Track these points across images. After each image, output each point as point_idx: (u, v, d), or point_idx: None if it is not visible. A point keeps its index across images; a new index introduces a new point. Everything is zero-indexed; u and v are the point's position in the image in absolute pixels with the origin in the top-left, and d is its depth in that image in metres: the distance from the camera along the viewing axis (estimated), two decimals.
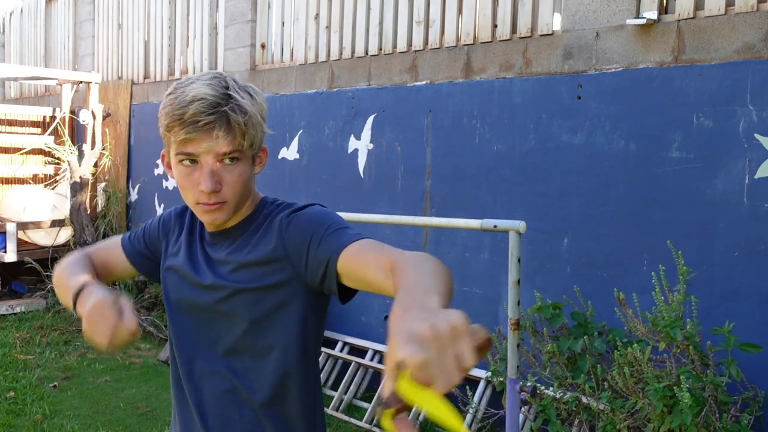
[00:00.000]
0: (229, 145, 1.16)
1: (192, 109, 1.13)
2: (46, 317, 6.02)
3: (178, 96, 1.16)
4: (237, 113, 1.16)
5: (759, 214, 2.95)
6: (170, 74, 6.54)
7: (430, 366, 0.65)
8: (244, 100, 1.18)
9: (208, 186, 1.16)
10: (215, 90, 1.15)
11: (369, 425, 3.89)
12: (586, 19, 3.52)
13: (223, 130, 1.15)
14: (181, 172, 1.20)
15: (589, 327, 3.04)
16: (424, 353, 0.65)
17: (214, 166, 1.17)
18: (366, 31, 4.68)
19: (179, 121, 1.14)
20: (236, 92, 1.18)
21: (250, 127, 1.18)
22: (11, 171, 6.94)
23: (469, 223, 2.55)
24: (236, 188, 1.20)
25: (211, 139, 1.15)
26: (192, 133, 1.14)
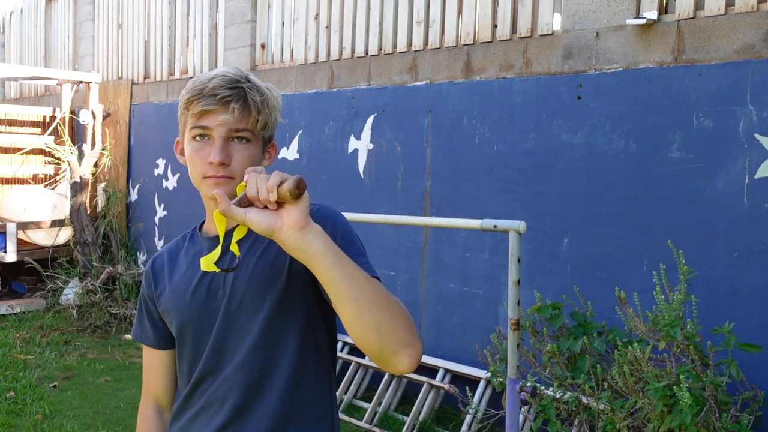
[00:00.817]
0: (243, 121, 1.21)
1: (212, 84, 1.19)
2: (46, 317, 6.02)
3: (200, 78, 1.23)
4: (254, 92, 1.22)
5: (759, 214, 2.95)
6: (170, 74, 6.54)
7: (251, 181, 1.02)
8: (262, 86, 1.25)
9: (216, 157, 1.19)
10: (236, 72, 1.23)
11: (369, 425, 3.89)
12: (586, 19, 3.52)
13: (239, 105, 1.20)
14: (192, 147, 1.24)
15: (589, 327, 3.04)
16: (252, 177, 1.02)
17: (225, 140, 1.21)
18: (366, 31, 4.68)
19: (199, 94, 1.20)
20: (256, 80, 1.25)
21: (265, 107, 1.23)
22: (11, 171, 6.94)
23: (469, 223, 2.55)
24: (245, 166, 1.22)
25: (227, 111, 1.19)
26: (209, 105, 1.19)
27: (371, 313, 1.04)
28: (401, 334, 1.06)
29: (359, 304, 1.04)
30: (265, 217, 1.02)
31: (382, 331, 1.04)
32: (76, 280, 6.28)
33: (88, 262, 6.33)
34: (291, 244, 1.02)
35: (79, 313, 5.93)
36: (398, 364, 1.06)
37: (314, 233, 1.03)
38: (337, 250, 1.05)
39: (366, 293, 1.05)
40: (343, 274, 1.04)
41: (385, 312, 1.05)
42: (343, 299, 1.04)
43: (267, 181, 1.00)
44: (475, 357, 3.82)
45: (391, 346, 1.05)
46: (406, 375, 4.05)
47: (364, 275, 1.07)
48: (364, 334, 1.05)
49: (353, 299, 1.04)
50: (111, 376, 4.64)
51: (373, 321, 1.04)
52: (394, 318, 1.06)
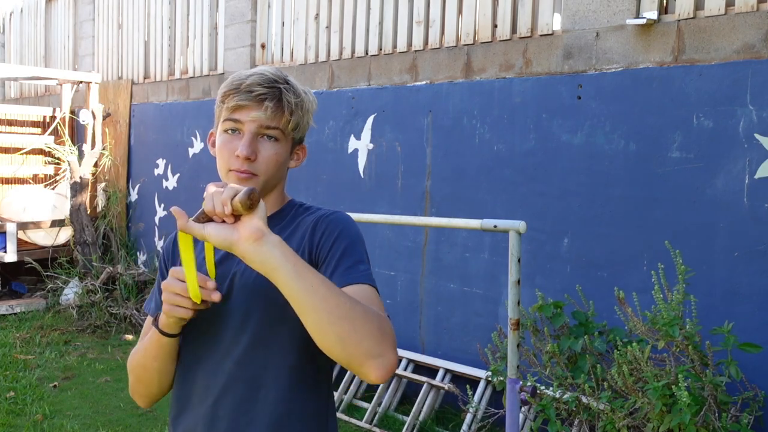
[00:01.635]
0: (274, 120, 1.24)
1: (250, 80, 1.23)
2: (46, 317, 6.02)
3: (240, 73, 1.26)
4: (290, 93, 1.25)
5: (759, 214, 2.95)
6: (170, 74, 6.54)
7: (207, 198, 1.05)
8: (300, 88, 1.28)
9: (243, 151, 1.21)
10: (275, 72, 1.26)
11: (369, 425, 3.89)
12: (586, 19, 3.52)
13: (273, 103, 1.22)
14: (223, 139, 1.26)
15: (590, 326, 3.05)
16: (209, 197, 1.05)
17: (254, 136, 1.23)
18: (366, 31, 4.68)
19: (236, 89, 1.23)
20: (294, 82, 1.28)
21: (298, 109, 1.26)
22: (11, 171, 6.94)
23: (469, 223, 2.55)
24: (270, 165, 1.25)
25: (260, 109, 1.22)
26: (244, 100, 1.22)
27: (331, 324, 1.03)
28: (365, 344, 1.04)
29: (319, 315, 1.03)
30: (222, 230, 1.03)
31: (344, 342, 1.04)
32: (76, 280, 6.28)
33: (88, 262, 6.33)
34: (249, 257, 1.03)
35: (79, 313, 5.93)
36: (367, 375, 1.05)
37: (271, 244, 1.03)
38: (296, 261, 1.04)
39: (327, 304, 1.03)
40: (301, 285, 1.03)
41: (348, 323, 1.04)
42: (303, 309, 1.04)
43: (221, 192, 1.02)
44: (475, 357, 3.82)
45: (356, 358, 1.04)
46: (406, 375, 4.05)
47: (328, 286, 1.05)
48: (326, 344, 1.05)
49: (312, 310, 1.04)
50: (111, 376, 4.64)
51: (334, 332, 1.04)
52: (358, 329, 1.04)
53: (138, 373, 1.33)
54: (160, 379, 1.31)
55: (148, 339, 1.26)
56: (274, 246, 1.03)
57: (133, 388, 1.36)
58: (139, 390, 1.35)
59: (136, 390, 1.36)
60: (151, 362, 1.28)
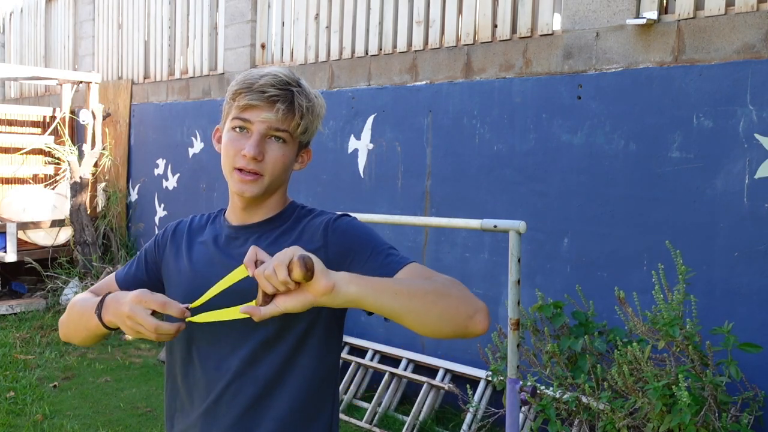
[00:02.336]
0: (285, 122, 1.23)
1: (263, 81, 1.22)
2: (46, 317, 6.02)
3: (252, 73, 1.25)
4: (302, 97, 1.25)
5: (759, 214, 2.95)
6: (170, 74, 6.54)
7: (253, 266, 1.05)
8: (311, 92, 1.28)
9: (251, 151, 1.22)
10: (289, 75, 1.25)
11: (369, 425, 3.89)
12: (586, 19, 3.52)
13: (285, 106, 1.22)
14: (230, 136, 1.26)
15: (590, 326, 3.05)
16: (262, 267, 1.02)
17: (262, 137, 1.23)
18: (366, 31, 4.68)
19: (248, 88, 1.22)
20: (306, 85, 1.28)
21: (308, 113, 1.25)
22: (11, 171, 6.94)
23: (469, 223, 2.55)
24: (276, 166, 1.25)
25: (271, 110, 1.22)
26: (256, 100, 1.22)
27: (429, 312, 1.07)
28: (462, 309, 1.09)
29: (416, 310, 1.07)
30: (297, 299, 1.01)
31: (446, 318, 1.08)
32: (76, 280, 6.28)
33: (88, 262, 6.33)
34: (331, 305, 1.03)
35: None
36: (475, 332, 1.11)
37: (343, 283, 1.02)
38: (369, 282, 1.05)
39: (415, 300, 1.07)
40: (386, 299, 1.05)
41: (440, 302, 1.08)
42: (401, 314, 1.07)
43: (275, 274, 0.99)
44: (475, 357, 3.82)
45: (461, 325, 1.09)
46: (406, 375, 4.06)
47: (403, 284, 1.08)
48: (433, 330, 1.09)
49: (408, 311, 1.06)
50: (111, 376, 4.64)
51: (435, 316, 1.07)
52: (450, 300, 1.09)
53: (70, 321, 1.35)
54: (83, 340, 1.34)
55: (89, 311, 1.25)
56: (347, 284, 1.02)
57: (61, 324, 1.39)
58: (65, 331, 1.39)
59: (62, 328, 1.39)
60: (82, 327, 1.29)
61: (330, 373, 1.30)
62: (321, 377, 1.28)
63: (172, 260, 1.36)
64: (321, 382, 1.28)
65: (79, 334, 1.32)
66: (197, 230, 1.38)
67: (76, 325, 1.31)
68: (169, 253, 1.37)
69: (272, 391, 1.24)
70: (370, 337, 4.51)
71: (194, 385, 1.29)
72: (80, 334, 1.32)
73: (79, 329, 1.30)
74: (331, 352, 1.30)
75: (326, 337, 1.28)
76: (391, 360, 4.32)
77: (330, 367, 1.30)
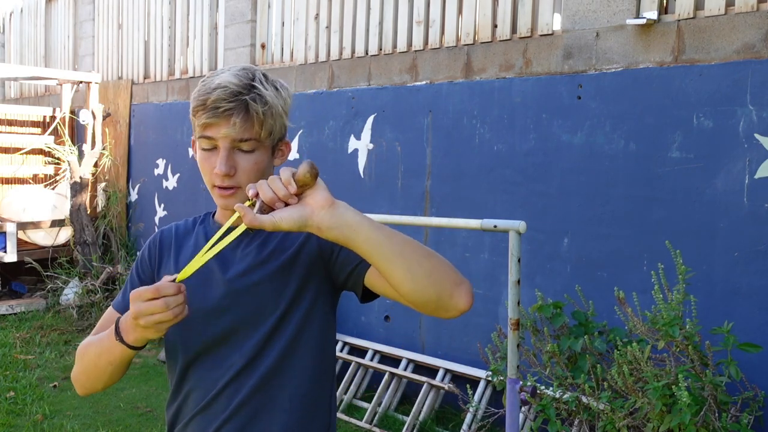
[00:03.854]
0: (246, 132, 1.22)
1: (214, 96, 1.19)
2: (46, 317, 6.02)
3: (206, 83, 1.23)
4: (257, 103, 1.21)
5: (759, 214, 2.95)
6: (170, 74, 6.54)
7: None
8: (267, 92, 1.23)
9: (221, 169, 1.22)
10: (240, 80, 1.21)
11: (369, 425, 3.89)
12: (586, 19, 3.52)
13: (240, 118, 1.20)
14: (201, 155, 1.26)
15: (590, 326, 3.05)
16: None
17: (229, 151, 1.22)
18: (366, 31, 4.68)
19: (202, 106, 1.21)
20: (261, 84, 1.23)
21: (268, 117, 1.23)
22: (11, 171, 6.94)
23: (469, 223, 2.55)
24: (250, 175, 1.24)
25: (229, 125, 1.20)
26: (212, 118, 1.20)
27: (420, 265, 1.07)
28: (451, 274, 1.10)
29: (408, 259, 1.07)
30: (293, 211, 1.03)
31: (434, 278, 1.08)
32: (76, 280, 6.28)
33: (88, 262, 6.33)
34: (326, 224, 1.03)
35: (79, 313, 5.93)
36: (458, 304, 1.10)
37: (343, 207, 1.05)
38: (367, 217, 1.07)
39: (409, 247, 1.08)
40: (383, 235, 1.06)
41: (431, 259, 1.09)
42: (392, 259, 1.06)
43: (278, 180, 1.02)
44: (475, 357, 3.82)
45: (447, 290, 1.09)
46: (406, 375, 4.05)
47: (401, 235, 1.09)
48: (419, 286, 1.08)
49: (400, 255, 1.06)
50: None
51: (424, 271, 1.07)
52: (440, 262, 1.10)
53: (87, 369, 1.27)
54: (109, 379, 1.27)
55: (108, 344, 1.20)
56: (346, 208, 1.05)
57: (77, 378, 1.31)
58: (83, 382, 1.30)
59: (80, 380, 1.31)
60: (105, 365, 1.23)
61: (328, 366, 1.32)
62: (319, 371, 1.29)
63: (164, 268, 1.35)
64: (319, 376, 1.29)
65: (104, 375, 1.25)
66: (184, 235, 1.38)
67: (96, 366, 1.25)
68: (165, 260, 1.36)
69: (271, 384, 1.25)
70: (370, 337, 4.51)
71: (196, 383, 1.30)
72: (105, 374, 1.25)
73: (102, 369, 1.24)
74: (328, 345, 1.32)
75: (323, 329, 1.30)
76: (391, 360, 4.32)
77: (327, 360, 1.32)
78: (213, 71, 1.28)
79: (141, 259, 1.39)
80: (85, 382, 1.30)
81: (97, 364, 1.24)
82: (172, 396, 1.36)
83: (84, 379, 1.29)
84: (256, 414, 1.25)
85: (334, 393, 1.35)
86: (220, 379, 1.26)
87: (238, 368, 1.25)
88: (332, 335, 1.34)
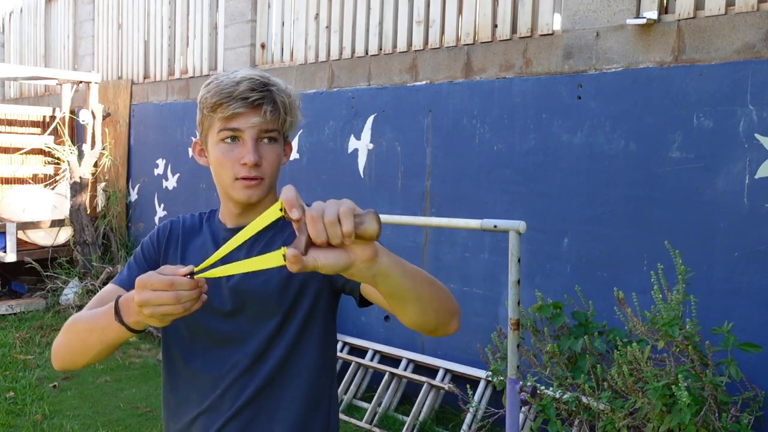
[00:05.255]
0: (275, 122, 1.24)
1: (243, 86, 1.21)
2: (46, 317, 6.02)
3: (223, 79, 1.23)
4: (282, 94, 1.25)
5: (759, 214, 2.95)
6: (170, 74, 6.54)
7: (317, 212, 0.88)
8: (287, 88, 1.28)
9: (251, 158, 1.22)
10: (260, 74, 1.25)
11: (369, 425, 3.89)
12: (586, 19, 3.52)
13: (271, 107, 1.23)
14: (222, 149, 1.25)
15: (590, 326, 3.05)
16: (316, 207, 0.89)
17: (256, 141, 1.24)
18: (366, 31, 4.68)
19: (229, 97, 1.21)
20: (279, 81, 1.28)
21: (291, 108, 1.27)
22: (11, 171, 6.94)
23: (469, 223, 2.55)
24: (273, 166, 1.28)
25: (260, 114, 1.22)
26: (242, 108, 1.21)
27: (431, 303, 1.05)
28: (451, 307, 1.11)
29: (423, 300, 1.03)
30: (337, 259, 0.87)
31: (439, 313, 1.08)
32: (76, 280, 6.28)
33: (88, 262, 6.33)
34: (361, 275, 0.91)
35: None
36: (448, 331, 1.12)
37: (383, 255, 0.93)
38: (395, 257, 0.96)
39: (427, 289, 1.05)
40: (408, 280, 0.99)
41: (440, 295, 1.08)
42: (409, 301, 1.01)
43: (339, 223, 0.86)
44: (475, 357, 3.82)
45: (445, 321, 1.10)
46: (406, 375, 4.05)
47: (418, 270, 1.04)
48: (425, 320, 1.07)
49: (418, 298, 1.02)
50: (111, 376, 4.64)
51: (433, 309, 1.06)
52: (445, 297, 1.10)
53: (72, 343, 1.21)
54: (94, 358, 1.21)
55: (104, 322, 1.13)
56: (381, 254, 0.92)
57: (57, 350, 1.25)
58: (63, 356, 1.24)
59: (59, 353, 1.25)
60: (95, 343, 1.17)
61: (329, 366, 1.33)
62: (321, 370, 1.31)
63: (171, 259, 1.36)
64: (320, 376, 1.31)
65: (90, 352, 1.19)
66: (191, 230, 1.39)
67: (84, 342, 1.18)
68: (172, 252, 1.37)
69: (275, 384, 1.27)
70: (370, 337, 4.51)
71: (197, 382, 1.30)
72: (91, 352, 1.18)
73: (90, 346, 1.17)
74: (329, 345, 1.33)
75: (324, 329, 1.31)
76: (391, 360, 4.32)
77: (329, 360, 1.33)
78: (218, 73, 1.28)
79: (149, 242, 1.39)
80: (65, 355, 1.23)
81: (87, 340, 1.18)
82: (171, 394, 1.35)
83: (64, 352, 1.23)
84: (258, 413, 1.27)
85: (334, 393, 1.36)
86: (224, 378, 1.28)
87: (243, 368, 1.26)
88: (333, 336, 1.35)
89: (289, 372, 1.27)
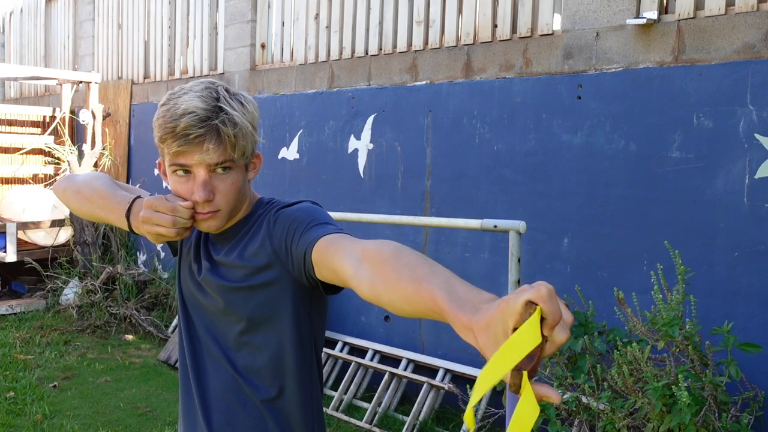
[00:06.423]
0: (220, 156, 1.19)
1: (183, 123, 1.16)
2: (46, 317, 6.02)
3: (170, 108, 1.18)
4: (227, 126, 1.18)
5: (759, 214, 2.95)
6: (170, 74, 6.54)
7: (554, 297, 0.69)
8: (235, 112, 1.19)
9: (200, 196, 1.19)
10: (206, 103, 1.17)
11: (369, 425, 3.89)
12: (586, 19, 3.52)
13: (213, 143, 1.17)
14: (175, 181, 1.23)
15: (590, 326, 3.04)
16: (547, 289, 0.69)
17: (206, 177, 1.20)
18: (366, 31, 4.68)
19: (171, 134, 1.17)
20: (227, 103, 1.19)
21: (240, 139, 1.20)
22: (11, 171, 6.94)
23: (469, 223, 2.55)
24: (229, 196, 1.23)
25: (202, 151, 1.17)
26: (184, 145, 1.17)
27: None
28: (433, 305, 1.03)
29: None
30: None
31: None
32: (76, 280, 6.28)
33: (88, 262, 6.33)
34: None
35: (79, 313, 5.93)
36: None
37: None
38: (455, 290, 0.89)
39: None
40: None
41: None
42: None
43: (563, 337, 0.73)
44: (475, 357, 3.82)
45: None
46: (406, 375, 4.05)
47: None
48: None
49: None
50: (111, 376, 4.64)
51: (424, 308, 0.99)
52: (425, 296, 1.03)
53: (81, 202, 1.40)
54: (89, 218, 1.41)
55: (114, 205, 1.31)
56: None
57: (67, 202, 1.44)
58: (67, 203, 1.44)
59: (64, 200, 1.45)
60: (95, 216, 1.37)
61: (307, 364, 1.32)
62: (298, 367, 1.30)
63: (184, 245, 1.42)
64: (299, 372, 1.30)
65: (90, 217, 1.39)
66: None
67: (89, 207, 1.38)
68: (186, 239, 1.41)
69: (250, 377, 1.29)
70: (370, 337, 4.51)
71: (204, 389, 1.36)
72: (91, 218, 1.39)
73: (90, 214, 1.38)
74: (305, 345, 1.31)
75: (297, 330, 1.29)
76: (391, 360, 4.32)
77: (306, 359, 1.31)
78: (173, 92, 1.22)
79: None
80: (68, 204, 1.44)
81: (91, 208, 1.37)
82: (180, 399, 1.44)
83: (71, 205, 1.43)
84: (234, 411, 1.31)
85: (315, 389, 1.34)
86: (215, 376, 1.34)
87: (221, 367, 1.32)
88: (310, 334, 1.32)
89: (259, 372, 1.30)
